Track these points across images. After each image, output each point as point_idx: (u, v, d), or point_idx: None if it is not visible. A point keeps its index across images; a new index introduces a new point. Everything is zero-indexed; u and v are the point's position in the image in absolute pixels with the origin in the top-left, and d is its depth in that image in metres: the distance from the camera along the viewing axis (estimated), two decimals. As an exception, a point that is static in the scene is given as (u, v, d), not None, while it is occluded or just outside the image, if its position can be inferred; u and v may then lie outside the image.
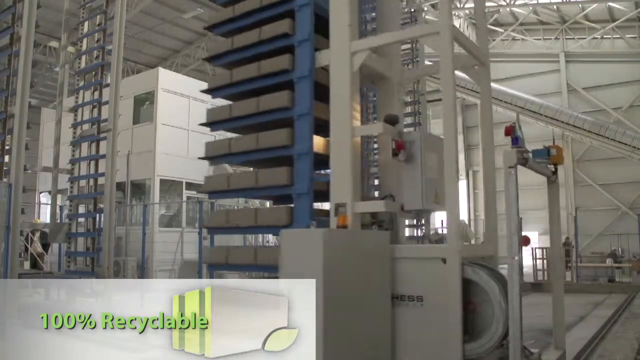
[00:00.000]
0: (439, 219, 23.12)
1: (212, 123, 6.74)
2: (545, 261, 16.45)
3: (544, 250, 16.90)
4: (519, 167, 5.32)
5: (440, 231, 20.77)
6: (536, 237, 25.03)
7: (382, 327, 4.55)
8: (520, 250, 4.42)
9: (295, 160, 5.73)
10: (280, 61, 5.92)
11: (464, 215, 27.23)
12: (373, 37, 5.90)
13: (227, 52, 6.57)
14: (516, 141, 4.65)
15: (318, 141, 5.82)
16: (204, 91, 6.98)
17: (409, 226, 17.41)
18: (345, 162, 5.29)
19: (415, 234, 17.80)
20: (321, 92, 5.70)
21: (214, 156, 6.67)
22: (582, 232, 20.64)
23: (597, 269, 17.70)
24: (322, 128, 5.69)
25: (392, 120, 5.48)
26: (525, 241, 4.54)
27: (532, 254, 16.62)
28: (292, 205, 5.79)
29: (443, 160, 5.05)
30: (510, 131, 4.70)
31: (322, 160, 5.74)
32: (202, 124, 6.92)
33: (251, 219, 6.06)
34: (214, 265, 6.44)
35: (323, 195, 5.65)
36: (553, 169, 5.74)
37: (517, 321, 4.26)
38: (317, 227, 4.75)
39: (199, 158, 6.97)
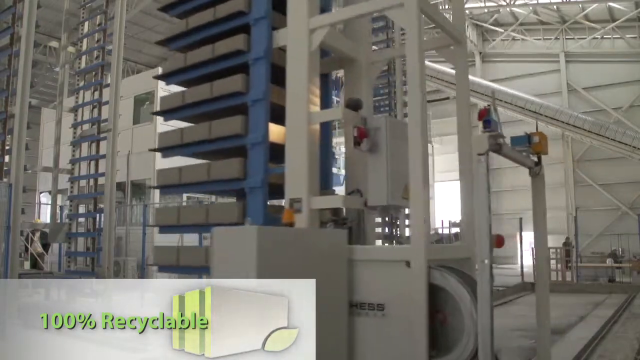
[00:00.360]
0: (439, 218, 23.19)
1: (165, 112, 6.17)
2: (545, 261, 16.45)
3: (545, 250, 16.90)
4: (517, 165, 5.11)
5: (440, 231, 20.79)
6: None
7: (337, 338, 4.01)
8: (491, 252, 3.81)
9: (248, 150, 5.20)
10: (234, 41, 5.38)
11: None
12: (332, 12, 5.43)
13: (182, 34, 6.04)
14: (489, 124, 4.05)
15: (276, 130, 5.26)
16: (157, 77, 6.43)
17: (409, 226, 17.39)
18: (301, 152, 4.76)
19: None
20: (280, 76, 5.18)
21: (165, 148, 6.14)
22: (582, 232, 20.62)
23: (598, 269, 17.68)
24: (282, 116, 5.17)
25: (354, 105, 4.92)
26: (499, 241, 3.95)
27: (533, 254, 16.61)
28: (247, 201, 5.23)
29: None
30: (484, 114, 4.12)
31: (282, 152, 5.19)
32: (153, 113, 6.42)
33: (202, 216, 5.56)
34: (165, 267, 5.95)
35: (282, 190, 5.10)
36: (536, 160, 5.07)
37: (487, 335, 3.57)
38: (253, 224, 4.20)
39: (150, 150, 6.42)
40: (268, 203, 5.22)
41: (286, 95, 4.98)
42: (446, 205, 26.81)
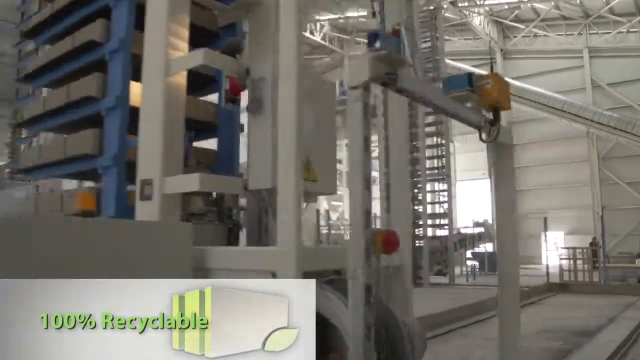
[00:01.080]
0: (461, 217, 22.84)
1: (32, 75, 5.19)
2: (571, 261, 16.07)
3: (570, 251, 16.55)
4: (543, 164, 4.40)
5: (462, 231, 20.44)
6: (562, 237, 24.57)
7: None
8: (377, 259, 2.62)
9: (104, 118, 4.10)
10: None
11: (487, 215, 26.78)
12: None
13: None
14: (374, 39, 2.67)
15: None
16: (23, 36, 5.63)
17: (432, 226, 16.91)
18: (155, 115, 3.54)
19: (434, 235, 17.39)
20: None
21: (27, 120, 5.22)
22: (609, 232, 20.03)
23: (626, 269, 17.15)
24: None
25: (232, 48, 3.72)
26: (388, 243, 2.66)
27: (558, 254, 16.30)
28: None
29: (326, 115, 3.37)
30: (394, 34, 2.72)
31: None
32: (19, 79, 5.60)
33: (57, 204, 4.65)
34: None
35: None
36: (491, 117, 3.52)
37: None
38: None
39: (9, 124, 5.88)
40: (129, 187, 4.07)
41: (144, 42, 3.81)
42: (469, 204, 26.48)
